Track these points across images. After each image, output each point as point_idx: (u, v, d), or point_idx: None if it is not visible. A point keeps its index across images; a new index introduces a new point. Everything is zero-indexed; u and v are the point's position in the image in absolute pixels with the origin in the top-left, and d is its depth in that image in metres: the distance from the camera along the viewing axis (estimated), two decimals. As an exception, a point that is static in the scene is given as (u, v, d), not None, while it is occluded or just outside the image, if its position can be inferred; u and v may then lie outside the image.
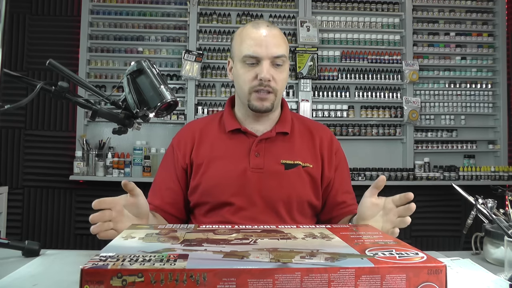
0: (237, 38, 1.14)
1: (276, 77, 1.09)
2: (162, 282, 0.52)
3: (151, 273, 0.53)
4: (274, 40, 1.09)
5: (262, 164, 1.11)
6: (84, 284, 0.52)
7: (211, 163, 1.13)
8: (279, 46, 1.10)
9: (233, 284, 0.53)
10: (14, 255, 0.90)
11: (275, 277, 0.53)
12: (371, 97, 3.30)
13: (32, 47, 3.17)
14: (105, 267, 0.53)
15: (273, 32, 1.11)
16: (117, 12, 3.23)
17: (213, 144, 1.16)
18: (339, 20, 3.35)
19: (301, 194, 1.12)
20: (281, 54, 1.09)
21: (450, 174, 3.19)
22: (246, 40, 1.10)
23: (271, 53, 1.08)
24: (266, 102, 1.10)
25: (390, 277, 0.55)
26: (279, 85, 1.11)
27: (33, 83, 0.83)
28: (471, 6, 3.42)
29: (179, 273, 0.53)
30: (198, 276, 0.53)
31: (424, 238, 3.30)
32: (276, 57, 1.09)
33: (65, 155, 3.12)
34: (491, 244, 0.95)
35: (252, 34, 1.10)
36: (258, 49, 1.08)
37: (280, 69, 1.11)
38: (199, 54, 3.12)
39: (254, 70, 1.09)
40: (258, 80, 1.08)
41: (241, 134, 1.16)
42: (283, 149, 1.15)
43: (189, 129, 1.22)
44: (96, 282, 0.52)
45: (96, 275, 0.52)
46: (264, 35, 1.09)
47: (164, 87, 0.90)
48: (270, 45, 1.08)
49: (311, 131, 1.21)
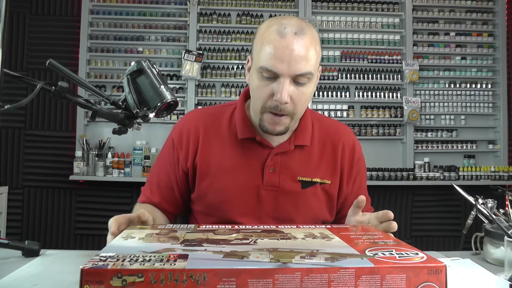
0: (259, 37, 0.94)
1: (296, 98, 0.91)
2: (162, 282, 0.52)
3: (151, 273, 0.52)
4: (301, 54, 0.88)
5: (277, 182, 1.01)
6: (84, 284, 0.52)
7: (220, 174, 1.01)
8: (306, 62, 0.89)
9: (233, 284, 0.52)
10: (14, 255, 0.90)
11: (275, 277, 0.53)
12: (371, 97, 3.30)
13: (32, 47, 3.17)
14: (105, 267, 0.53)
15: (301, 42, 0.88)
16: (117, 12, 3.23)
17: (223, 151, 1.03)
18: (339, 20, 3.35)
19: (317, 214, 1.04)
20: (305, 72, 0.89)
21: (450, 174, 3.19)
22: (266, 47, 0.90)
23: (293, 71, 0.88)
24: (279, 127, 0.95)
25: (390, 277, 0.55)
26: (298, 108, 0.93)
27: (33, 83, 0.83)
28: (471, 6, 3.42)
29: (179, 273, 0.53)
30: (198, 276, 0.53)
31: (424, 238, 3.30)
32: (299, 75, 0.89)
33: (65, 155, 3.12)
34: (491, 244, 0.95)
35: (274, 42, 0.89)
36: (277, 64, 0.88)
37: (303, 89, 0.92)
38: (199, 54, 3.12)
39: (271, 86, 0.91)
40: (273, 101, 0.91)
41: (255, 143, 1.02)
42: (300, 164, 1.03)
43: (193, 122, 1.07)
44: (96, 282, 0.52)
45: (96, 275, 0.52)
46: (289, 48, 0.88)
47: (164, 87, 0.90)
48: (294, 62, 0.88)
49: (332, 138, 1.08)
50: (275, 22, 0.92)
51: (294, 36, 0.89)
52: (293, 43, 0.88)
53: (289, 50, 0.88)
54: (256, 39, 0.96)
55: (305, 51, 0.89)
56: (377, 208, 3.10)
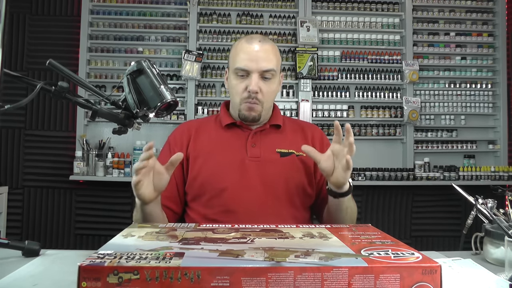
0: (233, 51, 1.23)
1: (264, 89, 1.17)
2: (157, 279, 0.53)
3: (146, 270, 0.54)
4: (265, 54, 1.17)
5: (259, 153, 1.19)
6: (81, 281, 0.53)
7: (209, 155, 1.19)
8: (269, 61, 1.17)
9: (227, 282, 0.53)
10: (14, 255, 0.90)
11: (268, 275, 0.54)
12: (371, 97, 3.30)
13: (32, 47, 3.17)
14: (101, 265, 0.55)
15: (264, 47, 1.18)
16: (117, 12, 3.23)
17: (210, 137, 1.23)
18: (339, 20, 3.35)
19: (297, 181, 1.18)
20: (269, 68, 1.17)
21: (450, 174, 3.19)
22: (239, 53, 1.18)
23: (260, 67, 1.16)
24: (253, 112, 1.18)
25: (384, 276, 0.55)
26: (266, 97, 1.18)
27: (33, 83, 0.83)
28: (471, 6, 3.42)
29: (174, 271, 0.54)
30: (192, 274, 0.54)
31: (424, 238, 3.30)
32: (265, 71, 1.16)
33: (65, 155, 3.12)
34: (491, 244, 0.95)
35: (244, 49, 1.18)
36: (249, 63, 1.16)
37: (269, 82, 1.18)
38: (199, 54, 3.12)
39: (244, 82, 1.17)
40: (247, 92, 1.16)
41: (236, 128, 1.24)
42: (277, 139, 1.23)
43: (185, 126, 1.29)
44: (93, 279, 0.53)
45: (93, 272, 0.53)
46: (256, 50, 1.17)
47: (164, 87, 0.90)
48: (260, 60, 1.16)
49: (303, 128, 1.30)
50: (244, 37, 1.24)
51: (259, 42, 1.19)
52: (258, 47, 1.18)
53: (255, 51, 1.17)
54: (230, 52, 1.24)
55: (268, 53, 1.18)
56: (377, 208, 3.11)
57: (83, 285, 0.54)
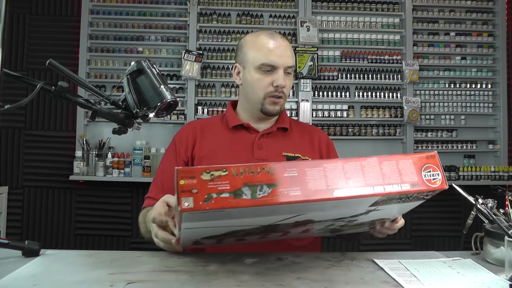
0: (250, 45, 1.22)
1: (287, 84, 1.21)
2: (242, 174, 0.69)
3: (233, 168, 0.69)
4: (288, 51, 1.21)
5: (265, 156, 1.19)
6: (179, 180, 0.67)
7: (215, 155, 1.19)
8: (292, 57, 1.21)
9: (295, 172, 0.71)
10: (14, 255, 0.90)
11: (324, 166, 0.73)
12: (371, 97, 3.30)
13: (32, 47, 3.17)
14: (194, 167, 0.72)
15: (285, 43, 1.22)
16: (117, 12, 3.23)
17: (216, 138, 1.23)
18: (339, 20, 3.35)
19: None
20: (292, 65, 1.21)
21: (450, 174, 3.19)
22: (262, 48, 1.19)
23: (286, 63, 1.19)
24: (277, 106, 1.21)
25: (402, 162, 0.77)
26: (287, 92, 1.22)
27: (33, 83, 0.83)
28: (471, 6, 3.42)
29: (254, 166, 0.70)
30: (269, 168, 0.71)
31: (424, 238, 3.30)
32: (289, 67, 1.20)
33: (65, 155, 3.12)
34: (491, 244, 0.95)
35: (269, 45, 1.19)
36: (275, 58, 1.18)
37: (289, 77, 1.22)
38: (199, 54, 3.12)
39: (270, 77, 1.18)
40: (274, 87, 1.18)
41: (243, 130, 1.25)
42: (283, 143, 1.24)
43: (191, 126, 1.29)
44: (189, 177, 0.68)
45: (189, 172, 0.68)
46: (281, 46, 1.20)
47: (164, 87, 0.90)
48: (285, 56, 1.19)
49: (309, 132, 1.31)
50: (261, 32, 1.25)
51: (281, 39, 1.22)
52: (282, 43, 1.21)
53: (281, 47, 1.19)
54: (246, 47, 1.23)
55: (290, 50, 1.22)
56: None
57: (181, 183, 0.67)
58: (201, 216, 0.70)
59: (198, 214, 0.68)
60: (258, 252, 0.96)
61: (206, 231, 0.82)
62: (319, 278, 0.80)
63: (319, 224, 0.87)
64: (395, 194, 0.75)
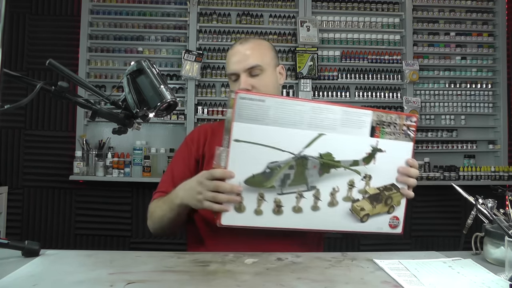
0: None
1: (256, 84, 1.19)
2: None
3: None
4: (248, 52, 1.20)
5: None
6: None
7: None
8: (253, 57, 1.19)
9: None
10: (14, 255, 0.90)
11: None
12: (371, 97, 3.30)
13: (32, 47, 3.17)
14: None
15: (245, 46, 1.22)
16: (117, 12, 3.23)
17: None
18: (339, 20, 3.35)
19: None
20: (254, 64, 1.19)
21: (450, 174, 3.19)
22: (227, 60, 1.25)
23: (245, 66, 1.19)
24: None
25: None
26: (261, 91, 1.18)
27: (33, 83, 0.83)
28: (471, 6, 3.42)
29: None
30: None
31: (424, 238, 3.30)
32: (251, 68, 1.19)
33: (65, 155, 3.12)
34: (491, 244, 0.95)
35: (229, 54, 1.24)
36: (234, 66, 1.21)
37: (260, 78, 1.20)
38: (199, 54, 3.12)
39: (237, 84, 1.21)
40: None
41: None
42: None
43: (202, 128, 1.35)
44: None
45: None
46: (238, 51, 1.21)
47: (164, 87, 0.90)
48: (243, 60, 1.19)
49: None
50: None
51: (239, 44, 1.24)
52: (240, 47, 1.22)
53: (239, 53, 1.21)
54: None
55: (251, 50, 1.20)
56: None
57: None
58: (249, 112, 0.87)
59: (250, 103, 0.86)
60: (258, 252, 0.96)
61: (253, 154, 0.90)
62: (319, 278, 0.80)
63: (340, 178, 0.95)
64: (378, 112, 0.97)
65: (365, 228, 0.99)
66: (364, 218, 0.98)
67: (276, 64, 1.28)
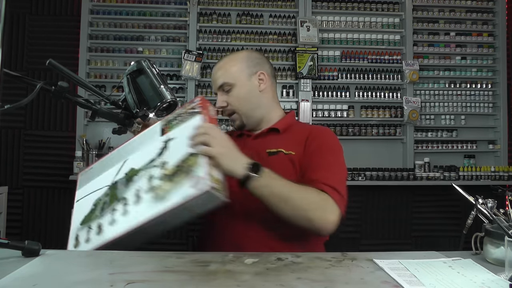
0: None
1: (230, 100, 1.27)
2: None
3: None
4: (217, 73, 1.28)
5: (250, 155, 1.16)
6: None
7: None
8: (222, 76, 1.27)
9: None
10: (14, 255, 0.90)
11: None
12: (371, 97, 3.30)
13: (32, 47, 3.17)
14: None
15: (218, 66, 1.30)
16: (117, 12, 3.23)
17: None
18: (339, 20, 3.35)
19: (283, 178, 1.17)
20: (222, 83, 1.27)
21: (450, 174, 3.19)
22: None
23: (215, 86, 1.29)
24: (235, 122, 1.31)
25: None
26: (236, 105, 1.27)
27: (33, 83, 0.83)
28: (471, 6, 3.42)
29: None
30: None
31: (424, 238, 3.30)
32: (220, 87, 1.27)
33: (65, 155, 3.12)
34: (491, 244, 0.95)
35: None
36: (212, 85, 1.32)
37: (232, 92, 1.27)
38: (199, 54, 3.12)
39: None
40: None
41: (244, 136, 1.34)
42: (270, 141, 1.27)
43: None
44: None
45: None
46: (213, 73, 1.30)
47: (164, 87, 0.90)
48: (215, 79, 1.29)
49: (309, 130, 1.29)
50: None
51: (216, 65, 1.31)
52: (215, 69, 1.30)
53: (213, 73, 1.31)
54: None
55: (221, 69, 1.28)
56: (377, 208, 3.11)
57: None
58: (83, 178, 1.19)
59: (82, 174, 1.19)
60: (258, 252, 0.96)
61: (87, 203, 1.12)
62: (319, 278, 0.80)
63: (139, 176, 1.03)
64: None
65: (173, 202, 0.93)
66: (166, 196, 0.95)
67: (251, 73, 1.29)
